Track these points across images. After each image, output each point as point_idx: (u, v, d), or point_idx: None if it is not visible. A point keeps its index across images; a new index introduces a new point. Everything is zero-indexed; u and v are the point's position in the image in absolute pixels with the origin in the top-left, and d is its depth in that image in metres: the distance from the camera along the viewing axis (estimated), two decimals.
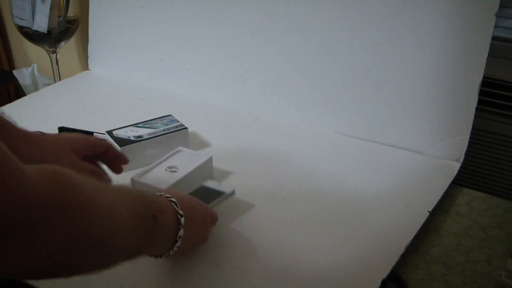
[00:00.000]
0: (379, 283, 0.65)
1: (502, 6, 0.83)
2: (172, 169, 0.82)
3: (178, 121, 0.94)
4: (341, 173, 0.88)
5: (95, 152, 0.75)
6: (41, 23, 1.19)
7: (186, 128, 0.93)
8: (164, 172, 0.81)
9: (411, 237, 0.73)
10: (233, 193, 0.79)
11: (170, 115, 0.96)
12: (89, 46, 1.29)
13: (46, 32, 1.20)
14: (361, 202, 0.81)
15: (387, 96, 0.94)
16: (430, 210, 0.78)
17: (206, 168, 0.85)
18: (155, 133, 0.90)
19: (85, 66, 1.33)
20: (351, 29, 0.96)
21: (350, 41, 0.96)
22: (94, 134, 0.97)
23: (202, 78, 1.14)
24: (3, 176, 0.38)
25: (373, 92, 0.96)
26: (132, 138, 0.88)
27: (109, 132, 0.90)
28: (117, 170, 0.78)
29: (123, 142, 0.88)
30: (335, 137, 0.99)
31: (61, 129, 0.99)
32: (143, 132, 0.90)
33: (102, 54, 1.28)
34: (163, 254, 0.61)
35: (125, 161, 0.78)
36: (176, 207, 0.60)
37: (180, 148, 0.88)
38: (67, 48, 1.36)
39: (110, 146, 0.77)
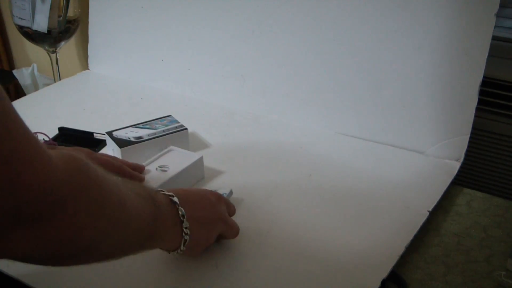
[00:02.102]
0: (379, 283, 0.65)
1: (502, 6, 0.83)
2: (163, 168, 0.82)
3: (178, 122, 0.94)
4: (341, 173, 0.88)
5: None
6: (41, 23, 1.19)
7: (186, 128, 0.92)
8: (154, 171, 0.81)
9: (411, 237, 0.73)
10: (231, 193, 0.80)
11: (170, 115, 0.96)
12: (89, 46, 1.29)
13: (46, 32, 1.20)
14: (361, 202, 0.81)
15: (387, 96, 0.94)
16: (430, 210, 0.78)
17: (197, 168, 0.85)
18: (155, 133, 0.90)
19: (85, 66, 1.33)
20: (351, 29, 0.96)
21: (350, 41, 0.96)
22: (94, 134, 0.97)
23: (202, 78, 1.14)
24: (33, 159, 0.41)
25: (373, 92, 0.96)
26: (132, 139, 0.88)
27: (109, 133, 0.90)
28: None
29: (123, 143, 0.87)
30: (335, 137, 0.99)
31: (61, 129, 0.99)
32: (143, 133, 0.90)
33: (102, 54, 1.28)
34: (178, 247, 0.62)
35: (141, 169, 0.81)
36: (172, 198, 0.61)
37: (172, 147, 0.88)
38: (67, 48, 1.36)
39: (122, 162, 0.79)
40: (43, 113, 1.08)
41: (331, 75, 1.00)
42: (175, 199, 0.61)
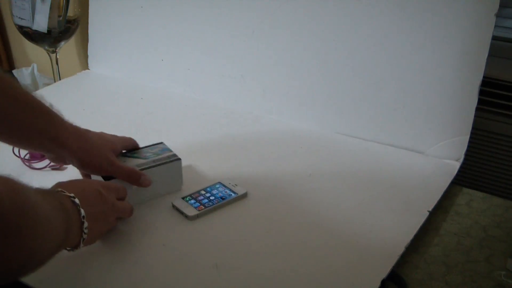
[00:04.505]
0: (379, 283, 0.65)
1: (502, 6, 0.83)
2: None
3: (171, 151, 0.83)
4: (341, 173, 0.88)
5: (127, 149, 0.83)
6: (41, 23, 1.19)
7: (179, 159, 0.81)
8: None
9: (411, 237, 0.73)
10: (245, 195, 0.80)
11: (162, 143, 0.85)
12: (89, 45, 1.29)
13: (46, 32, 1.20)
14: (361, 202, 0.81)
15: (387, 96, 0.94)
16: (430, 210, 0.78)
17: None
18: (146, 164, 0.79)
19: (85, 65, 1.33)
20: (351, 29, 0.96)
21: (350, 41, 0.96)
22: None
23: (202, 78, 1.14)
24: None
25: (373, 92, 0.96)
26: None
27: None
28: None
29: (109, 176, 0.76)
30: (335, 137, 0.99)
31: None
32: (132, 163, 0.79)
33: (102, 53, 1.28)
34: (78, 244, 0.64)
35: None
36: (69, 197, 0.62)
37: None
38: (67, 48, 1.36)
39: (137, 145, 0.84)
40: None
41: (331, 75, 1.00)
42: (76, 200, 0.62)
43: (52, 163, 0.89)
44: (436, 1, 0.87)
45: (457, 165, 0.89)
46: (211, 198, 0.80)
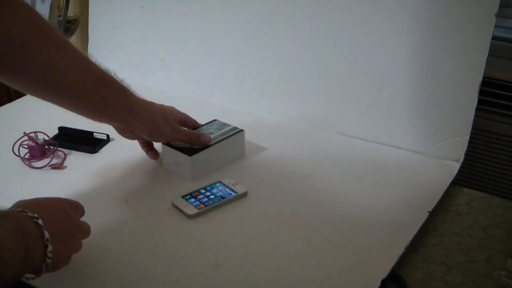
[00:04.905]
0: (379, 283, 0.65)
1: (502, 6, 0.83)
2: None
3: (229, 125, 0.92)
4: (341, 173, 0.88)
5: (185, 127, 0.90)
6: None
7: (243, 130, 0.91)
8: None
9: (411, 237, 0.73)
10: (245, 194, 0.81)
11: (216, 120, 0.94)
12: (89, 46, 1.29)
13: None
14: (361, 202, 0.81)
15: (387, 96, 0.94)
16: (430, 210, 0.78)
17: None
18: (215, 138, 0.88)
19: None
20: (351, 29, 0.96)
21: (350, 41, 0.96)
22: (94, 134, 0.97)
23: (202, 78, 1.14)
24: None
25: (373, 92, 0.96)
26: (195, 146, 0.86)
27: (167, 144, 0.87)
28: (156, 156, 0.91)
29: (191, 151, 0.85)
30: (335, 137, 0.99)
31: (61, 129, 0.99)
32: None
33: (102, 54, 1.28)
34: (41, 269, 0.59)
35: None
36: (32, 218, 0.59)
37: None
38: None
39: (197, 122, 0.92)
40: (43, 113, 1.07)
41: (331, 75, 1.00)
42: (40, 221, 0.58)
43: (52, 163, 0.89)
44: (436, 2, 0.87)
45: (457, 165, 0.89)
46: (211, 197, 0.80)
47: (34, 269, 0.58)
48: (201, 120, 0.94)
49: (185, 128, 0.89)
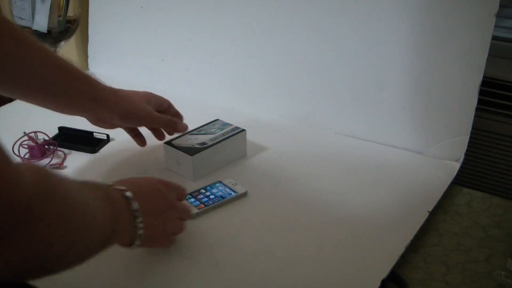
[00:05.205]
0: (379, 283, 0.65)
1: (502, 6, 0.83)
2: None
3: (231, 124, 0.92)
4: (341, 173, 0.88)
5: (160, 108, 0.88)
6: (41, 23, 1.19)
7: (244, 130, 0.91)
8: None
9: (411, 237, 0.73)
10: (245, 194, 0.81)
11: (218, 119, 0.94)
12: (89, 46, 1.29)
13: (46, 32, 1.20)
14: (361, 202, 0.81)
15: (387, 96, 0.94)
16: (430, 210, 0.78)
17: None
18: (217, 138, 0.88)
19: (85, 65, 1.33)
20: (351, 29, 0.96)
21: (350, 41, 0.96)
22: (94, 134, 0.97)
23: (202, 78, 1.14)
24: (2, 173, 0.40)
25: (373, 92, 0.96)
26: (197, 146, 0.86)
27: (168, 143, 0.87)
28: (161, 137, 0.91)
29: (192, 151, 0.85)
30: (335, 137, 0.99)
31: (61, 129, 0.99)
32: (204, 139, 0.88)
33: (102, 54, 1.28)
34: (133, 240, 0.61)
35: (181, 117, 0.92)
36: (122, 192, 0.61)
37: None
38: (67, 48, 1.35)
39: (171, 104, 0.91)
40: (43, 113, 1.07)
41: (331, 75, 1.00)
42: (128, 193, 0.60)
43: (52, 163, 0.89)
44: (437, 2, 0.87)
45: (457, 165, 0.89)
46: (211, 197, 0.80)
47: (127, 240, 0.61)
48: (201, 120, 0.94)
49: (161, 114, 0.87)
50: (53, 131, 0.98)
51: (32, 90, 0.74)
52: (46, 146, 0.92)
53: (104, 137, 0.97)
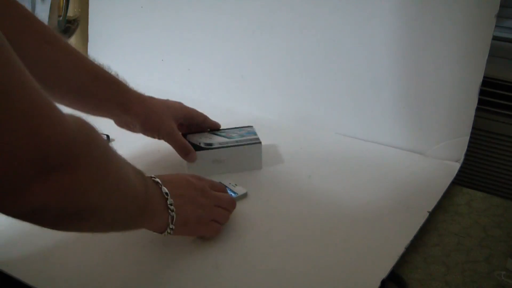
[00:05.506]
0: (379, 283, 0.65)
1: (502, 6, 0.83)
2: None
3: (256, 134, 0.89)
4: (340, 173, 0.88)
5: (192, 122, 0.88)
6: None
7: (260, 142, 0.88)
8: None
9: (411, 237, 0.73)
10: (245, 195, 0.81)
11: (251, 126, 0.92)
12: (89, 46, 1.29)
13: None
14: (361, 202, 0.81)
15: (387, 97, 0.94)
16: (430, 210, 0.78)
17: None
18: (227, 143, 0.87)
19: None
20: (351, 29, 0.96)
21: (350, 41, 0.96)
22: None
23: (202, 78, 1.14)
24: (50, 113, 0.44)
25: (373, 93, 0.96)
26: (202, 145, 0.86)
27: (184, 135, 0.86)
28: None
29: (194, 148, 0.85)
30: (335, 137, 0.99)
31: None
32: (216, 140, 0.87)
33: (102, 54, 1.28)
34: (166, 226, 0.63)
35: (219, 126, 0.91)
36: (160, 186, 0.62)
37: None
38: None
39: (207, 117, 0.89)
40: None
41: (331, 75, 1.00)
42: (157, 179, 0.62)
43: None
44: (437, 2, 0.87)
45: (457, 166, 0.89)
46: None
47: (160, 223, 0.62)
48: None
49: (181, 137, 0.84)
50: None
51: (61, 92, 0.75)
52: None
53: (104, 137, 0.97)
